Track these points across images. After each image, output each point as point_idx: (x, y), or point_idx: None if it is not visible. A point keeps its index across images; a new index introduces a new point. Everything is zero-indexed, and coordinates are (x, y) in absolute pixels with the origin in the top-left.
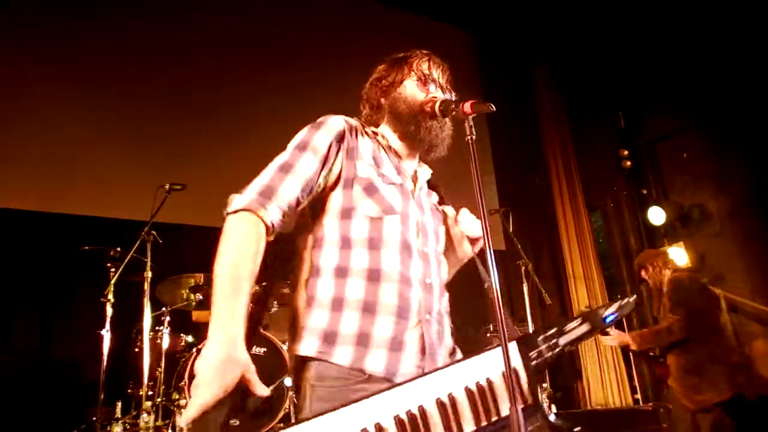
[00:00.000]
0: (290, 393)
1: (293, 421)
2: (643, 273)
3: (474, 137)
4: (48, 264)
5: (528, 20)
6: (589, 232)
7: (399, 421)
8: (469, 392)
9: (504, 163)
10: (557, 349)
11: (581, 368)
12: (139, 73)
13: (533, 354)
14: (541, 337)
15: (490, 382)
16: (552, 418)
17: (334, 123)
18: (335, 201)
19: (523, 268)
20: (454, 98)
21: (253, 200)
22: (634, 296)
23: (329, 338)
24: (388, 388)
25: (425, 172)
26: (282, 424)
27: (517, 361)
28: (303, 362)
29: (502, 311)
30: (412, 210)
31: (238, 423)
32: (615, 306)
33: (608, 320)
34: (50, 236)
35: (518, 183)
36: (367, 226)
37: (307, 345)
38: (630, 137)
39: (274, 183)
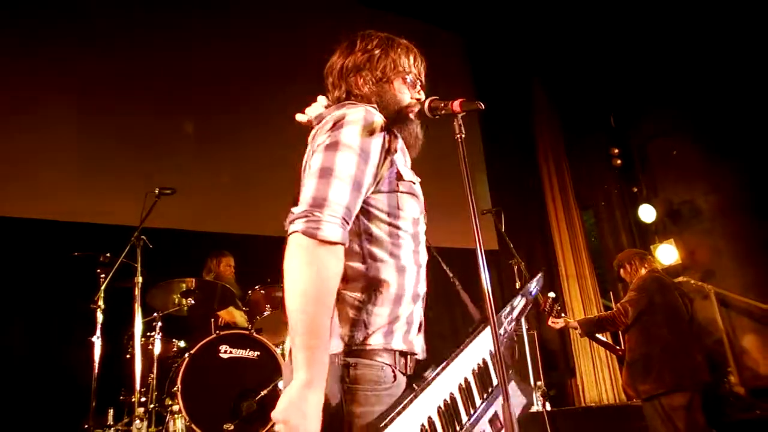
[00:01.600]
0: None
1: None
2: (621, 272)
3: (463, 135)
4: (38, 271)
5: (520, 20)
6: (580, 230)
7: (440, 412)
8: (475, 374)
9: (496, 163)
10: (513, 323)
11: (575, 366)
12: (128, 79)
13: (501, 331)
14: (503, 315)
15: (485, 362)
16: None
17: (380, 123)
18: (381, 201)
19: (515, 268)
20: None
21: (333, 228)
22: (541, 274)
23: (392, 321)
24: (421, 386)
25: None
26: (276, 428)
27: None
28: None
29: (492, 308)
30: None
31: (233, 427)
32: (536, 280)
33: (533, 292)
34: (40, 243)
35: (510, 182)
36: (410, 224)
37: (340, 341)
38: (621, 136)
39: (350, 200)
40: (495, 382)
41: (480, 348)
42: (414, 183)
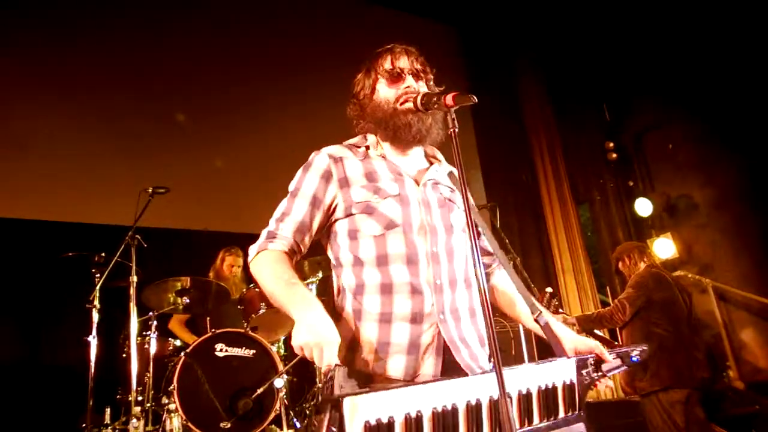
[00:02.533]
0: (281, 394)
1: (284, 423)
2: (620, 265)
3: (457, 129)
4: (32, 271)
5: (511, 13)
6: (576, 225)
7: (435, 414)
8: (540, 392)
9: (490, 158)
10: (599, 374)
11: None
12: (120, 78)
13: (585, 372)
14: (590, 360)
15: (555, 388)
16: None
17: (319, 162)
18: (342, 226)
19: (511, 263)
20: (431, 79)
21: (262, 243)
22: (646, 348)
23: (352, 347)
24: (429, 381)
25: (437, 170)
26: (273, 426)
27: (573, 375)
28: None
29: (488, 302)
30: (415, 214)
31: (229, 426)
32: (639, 350)
33: (634, 360)
34: (34, 244)
35: (505, 178)
36: (372, 244)
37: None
38: (615, 129)
39: (276, 227)
40: (561, 415)
41: (552, 374)
42: (371, 201)
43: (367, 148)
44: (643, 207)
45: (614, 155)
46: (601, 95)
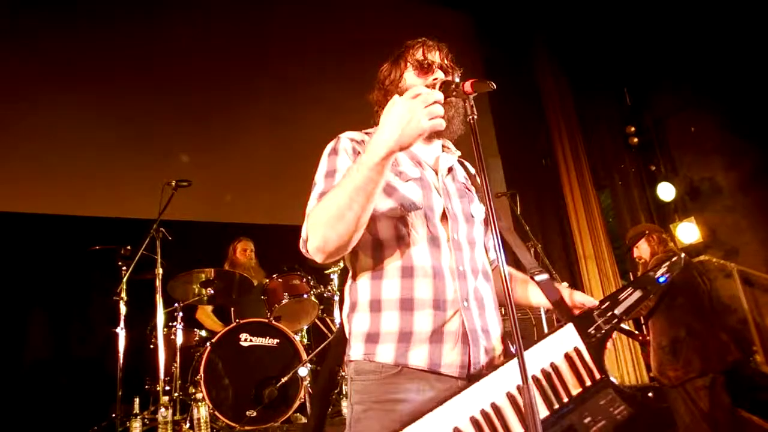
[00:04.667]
0: (305, 383)
1: (308, 411)
2: (635, 251)
3: (476, 117)
4: (61, 265)
5: None
6: (597, 210)
7: (474, 421)
8: (536, 380)
9: (509, 145)
10: (615, 320)
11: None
12: (143, 72)
13: (592, 330)
14: (596, 312)
15: (555, 366)
16: (622, 388)
17: (344, 144)
18: None
19: (532, 250)
20: (458, 76)
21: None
22: (683, 254)
23: (372, 339)
24: (456, 391)
25: (448, 157)
26: (297, 414)
27: (576, 340)
28: (350, 363)
29: (510, 293)
30: (436, 200)
31: (255, 414)
32: (665, 266)
33: (661, 280)
34: (62, 238)
35: (524, 164)
36: (392, 225)
37: (355, 350)
38: (636, 113)
39: (317, 203)
40: (575, 391)
41: (552, 351)
42: (392, 182)
43: None
44: (666, 191)
45: (635, 140)
46: (621, 79)
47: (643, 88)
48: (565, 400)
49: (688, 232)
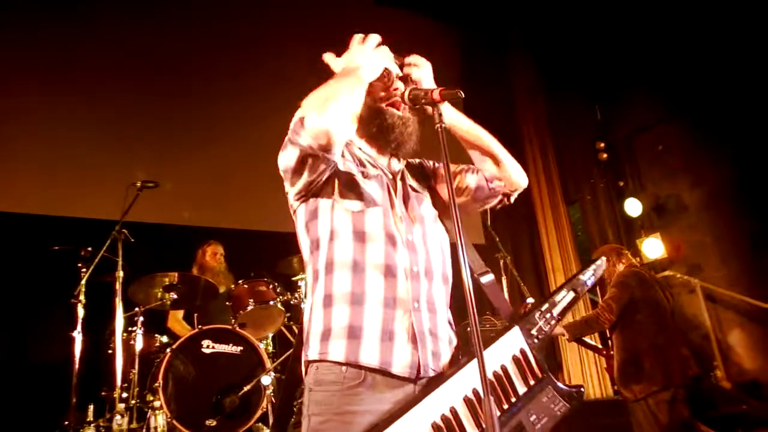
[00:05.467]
0: (268, 392)
1: (271, 420)
2: None
3: (444, 125)
4: (17, 265)
5: (503, 12)
6: (567, 224)
7: (436, 427)
8: (489, 383)
9: None
10: (553, 321)
11: (561, 361)
12: (110, 70)
13: (534, 331)
14: (537, 314)
15: (504, 368)
16: (560, 386)
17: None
18: (323, 199)
19: (501, 262)
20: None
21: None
22: (604, 258)
23: (325, 336)
24: (417, 398)
25: (398, 163)
26: (259, 424)
27: (521, 342)
28: (308, 367)
29: (473, 304)
30: (394, 200)
31: (215, 423)
32: (591, 269)
33: (588, 283)
34: (19, 237)
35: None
36: (349, 219)
37: (312, 350)
38: (606, 129)
39: None
40: (521, 390)
41: (501, 354)
42: (355, 176)
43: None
44: (633, 207)
45: (605, 155)
46: (593, 95)
47: (614, 105)
48: (513, 399)
49: (653, 247)
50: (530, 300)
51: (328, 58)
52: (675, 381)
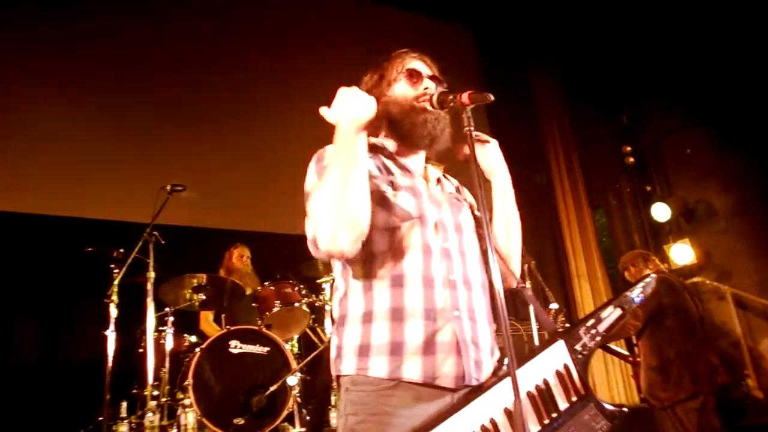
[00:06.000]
0: (293, 392)
1: (297, 420)
2: (626, 274)
3: (473, 128)
4: (52, 266)
5: (526, 15)
6: (592, 229)
7: None
8: (530, 396)
9: (505, 161)
10: (599, 338)
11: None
12: (140, 76)
13: (578, 347)
14: (582, 329)
15: (546, 383)
16: (603, 404)
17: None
18: None
19: (525, 266)
20: (445, 87)
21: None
22: (654, 276)
23: (364, 352)
24: (456, 407)
25: (435, 170)
26: (285, 423)
27: (565, 357)
28: (339, 379)
29: (504, 311)
30: (428, 209)
31: (243, 422)
32: (639, 286)
33: (636, 300)
34: (54, 239)
35: (520, 180)
36: (385, 236)
37: (347, 364)
38: (633, 133)
39: None
40: (563, 406)
41: (543, 367)
42: (386, 192)
43: (374, 146)
44: (661, 212)
45: (631, 159)
46: (619, 99)
47: (641, 108)
48: (554, 415)
49: (682, 253)
50: (554, 306)
51: (322, 111)
52: (703, 389)
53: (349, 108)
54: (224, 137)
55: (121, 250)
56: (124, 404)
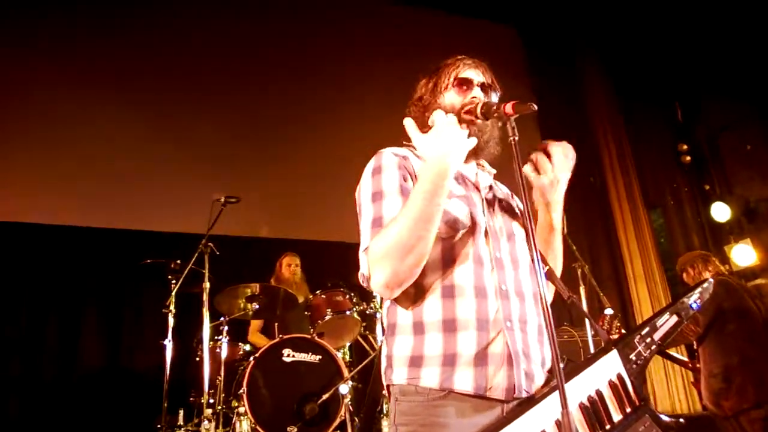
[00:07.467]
0: (346, 400)
1: (349, 428)
2: (684, 276)
3: (517, 138)
4: (113, 277)
5: (573, 11)
6: (648, 230)
7: None
8: (582, 407)
9: None
10: (654, 347)
11: (645, 375)
12: (195, 89)
13: (633, 356)
14: (637, 338)
15: (599, 393)
16: (659, 416)
17: (388, 160)
18: None
19: (579, 271)
20: (498, 95)
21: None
22: (711, 281)
23: (416, 362)
24: (507, 419)
25: (487, 176)
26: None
27: (619, 367)
28: (390, 388)
29: (550, 317)
30: (480, 217)
31: (295, 430)
32: (697, 292)
33: (693, 306)
34: (114, 251)
35: (572, 182)
36: (438, 246)
37: (398, 374)
38: (688, 129)
39: (371, 238)
40: (616, 418)
41: (596, 378)
42: None
43: None
44: (720, 212)
45: (688, 158)
46: (672, 93)
47: (695, 103)
48: (608, 427)
49: (743, 254)
50: (609, 311)
51: (408, 124)
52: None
53: (450, 146)
54: (276, 147)
55: (178, 261)
56: (182, 412)
